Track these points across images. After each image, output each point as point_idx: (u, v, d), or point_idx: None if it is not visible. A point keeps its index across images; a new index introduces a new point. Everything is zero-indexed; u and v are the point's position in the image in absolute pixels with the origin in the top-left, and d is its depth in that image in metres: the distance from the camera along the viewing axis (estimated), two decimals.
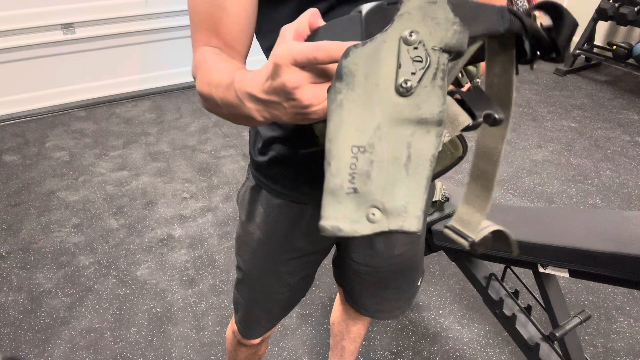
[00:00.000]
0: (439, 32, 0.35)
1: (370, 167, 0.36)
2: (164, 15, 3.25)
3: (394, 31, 0.35)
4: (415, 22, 0.35)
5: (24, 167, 2.58)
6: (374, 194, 0.36)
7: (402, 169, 0.36)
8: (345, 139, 0.36)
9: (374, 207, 0.36)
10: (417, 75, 0.35)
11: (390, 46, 0.35)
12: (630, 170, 2.61)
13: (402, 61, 0.35)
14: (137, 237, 2.11)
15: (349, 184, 0.36)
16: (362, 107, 0.36)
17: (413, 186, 0.37)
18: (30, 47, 2.93)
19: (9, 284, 1.86)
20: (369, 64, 0.35)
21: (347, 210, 0.36)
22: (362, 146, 0.36)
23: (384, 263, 0.95)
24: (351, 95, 0.36)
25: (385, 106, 0.36)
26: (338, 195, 0.36)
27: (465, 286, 1.88)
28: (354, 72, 0.35)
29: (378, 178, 0.36)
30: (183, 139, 2.89)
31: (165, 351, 1.61)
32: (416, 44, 0.35)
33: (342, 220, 0.36)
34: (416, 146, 0.36)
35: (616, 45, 3.50)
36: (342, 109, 0.36)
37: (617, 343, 1.65)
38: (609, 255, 0.99)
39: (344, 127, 0.36)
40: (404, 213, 0.36)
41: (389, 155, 0.36)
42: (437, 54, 0.35)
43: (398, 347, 1.65)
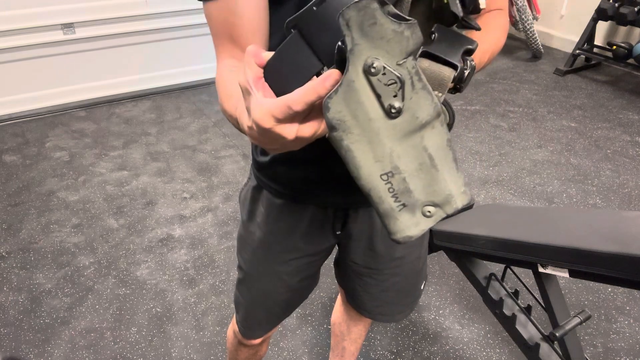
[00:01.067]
0: (395, 47, 0.36)
1: (406, 183, 0.40)
2: (164, 15, 3.25)
3: (354, 67, 0.36)
4: (368, 51, 0.36)
5: (24, 167, 2.58)
6: (421, 199, 0.40)
7: (431, 169, 0.40)
8: (370, 174, 0.39)
9: (427, 206, 0.41)
10: (398, 96, 0.37)
11: (360, 83, 0.36)
12: (630, 170, 2.61)
13: (379, 91, 0.37)
14: (137, 237, 2.11)
15: (397, 203, 0.40)
16: (368, 142, 0.38)
17: (447, 175, 0.40)
18: (30, 47, 2.93)
19: (9, 284, 1.86)
20: (350, 106, 0.37)
21: (406, 221, 0.41)
22: (389, 172, 0.39)
23: (385, 265, 0.94)
24: (352, 138, 0.38)
25: (387, 132, 0.38)
26: (393, 216, 0.41)
27: (465, 286, 1.88)
28: (343, 119, 0.38)
29: (417, 187, 0.40)
30: (183, 139, 2.89)
31: (165, 351, 1.61)
32: (382, 71, 0.36)
33: (408, 230, 0.41)
34: (431, 145, 0.39)
35: (616, 45, 3.50)
36: (352, 151, 0.39)
37: (617, 343, 1.65)
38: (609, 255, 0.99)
39: (363, 165, 0.39)
40: (451, 198, 0.41)
41: (414, 165, 0.39)
42: (404, 67, 0.36)
43: (398, 347, 1.65)
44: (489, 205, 1.55)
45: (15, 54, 2.91)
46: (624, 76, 3.82)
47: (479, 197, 2.39)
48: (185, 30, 3.36)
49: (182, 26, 3.33)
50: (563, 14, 4.24)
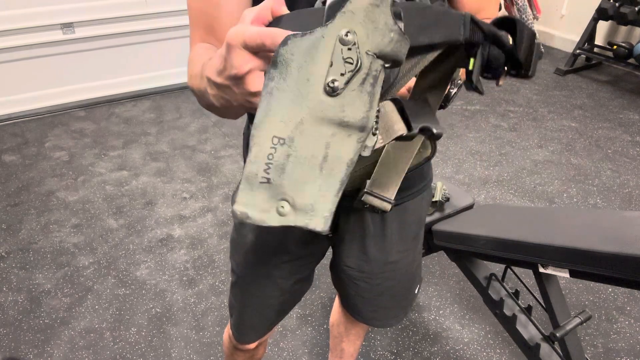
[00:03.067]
0: (376, 37, 0.34)
1: (287, 161, 0.36)
2: (164, 15, 3.24)
3: (333, 28, 0.34)
4: (355, 23, 0.34)
5: (24, 167, 2.58)
6: (285, 188, 0.36)
7: (317, 168, 0.36)
8: (269, 128, 0.36)
9: (284, 200, 0.37)
10: (345, 76, 0.35)
11: (327, 43, 0.35)
12: (630, 170, 2.61)
13: (334, 59, 0.35)
14: (136, 237, 2.11)
15: (263, 173, 0.36)
16: (290, 99, 0.35)
17: (324, 187, 0.37)
18: (30, 46, 2.93)
19: (8, 284, 1.86)
20: (304, 56, 0.35)
21: (258, 199, 0.37)
22: (283, 138, 0.36)
23: (378, 269, 0.93)
24: (282, 85, 0.35)
25: (311, 102, 0.35)
26: (252, 184, 0.37)
27: (466, 286, 1.87)
28: (289, 62, 0.35)
29: (292, 172, 0.36)
30: (183, 138, 2.88)
31: (165, 351, 1.61)
32: (350, 45, 0.34)
33: (252, 208, 0.37)
34: (335, 147, 0.36)
35: (617, 45, 3.49)
36: (272, 97, 0.36)
37: (617, 343, 1.65)
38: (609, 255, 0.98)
39: (270, 115, 0.36)
40: (311, 211, 0.37)
41: (307, 152, 0.36)
42: (369, 59, 0.35)
43: (398, 347, 1.65)
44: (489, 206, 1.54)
45: (14, 53, 2.91)
46: (625, 76, 3.82)
47: (479, 197, 2.39)
48: (185, 30, 3.36)
49: (182, 26, 3.32)
50: (563, 14, 4.24)
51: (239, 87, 0.40)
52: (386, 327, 1.69)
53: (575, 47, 3.76)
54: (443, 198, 1.48)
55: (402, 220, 0.88)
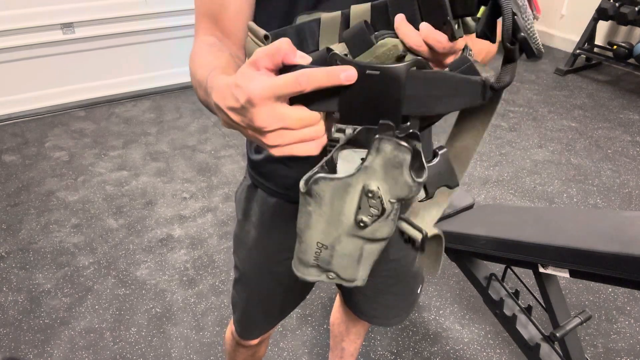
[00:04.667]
0: (397, 190, 0.41)
1: (331, 258, 0.46)
2: (164, 15, 3.24)
3: (358, 179, 0.41)
4: (377, 178, 0.40)
5: (24, 167, 2.58)
6: (333, 269, 0.48)
7: (355, 261, 0.47)
8: (312, 236, 0.45)
9: (332, 272, 0.48)
10: (372, 218, 0.43)
11: (354, 191, 0.41)
12: (630, 170, 2.61)
13: (362, 205, 0.42)
14: (136, 237, 2.11)
15: (313, 261, 0.47)
16: (327, 222, 0.44)
17: (361, 269, 0.48)
18: (30, 46, 2.93)
19: (8, 284, 1.86)
20: (334, 196, 0.42)
21: (311, 272, 0.49)
22: (326, 245, 0.45)
23: (381, 267, 0.92)
24: (318, 211, 0.43)
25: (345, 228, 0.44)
26: (305, 265, 0.48)
27: (466, 286, 1.87)
28: (322, 197, 0.42)
29: (336, 264, 0.47)
30: (183, 138, 2.88)
31: (165, 351, 1.61)
32: (375, 198, 0.41)
33: (308, 275, 0.50)
34: (367, 249, 0.46)
35: (617, 45, 3.49)
36: (311, 217, 0.44)
37: (617, 343, 1.65)
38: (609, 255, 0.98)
39: (312, 229, 0.45)
40: (353, 280, 0.49)
41: (346, 252, 0.46)
42: (392, 205, 0.42)
43: (398, 347, 1.65)
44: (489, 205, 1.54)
45: (14, 53, 2.91)
46: (625, 76, 3.82)
47: (479, 197, 2.39)
48: (185, 30, 3.36)
49: (182, 26, 3.32)
50: (563, 14, 4.24)
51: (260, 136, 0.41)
52: (388, 326, 1.69)
53: (575, 47, 3.76)
54: None
55: None
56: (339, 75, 0.38)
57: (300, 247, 0.47)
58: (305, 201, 0.43)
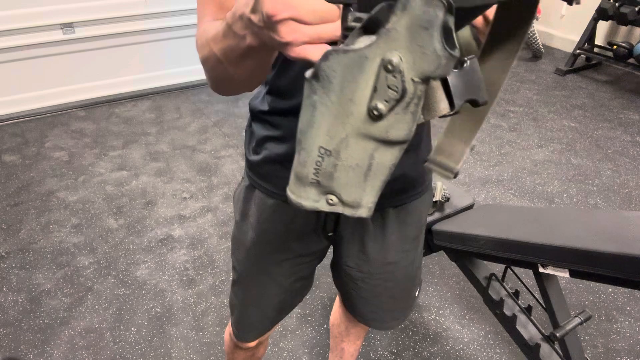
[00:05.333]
0: (423, 63, 0.33)
1: (334, 169, 0.39)
2: (164, 15, 3.24)
3: (377, 49, 0.33)
4: (401, 46, 0.33)
5: (24, 167, 2.58)
6: (334, 188, 0.40)
7: (362, 175, 0.39)
8: (314, 138, 0.37)
9: (333, 194, 0.40)
10: (390, 103, 0.35)
11: (371, 66, 0.34)
12: (630, 170, 2.61)
13: (378, 85, 0.34)
14: (136, 237, 2.11)
15: (313, 176, 0.39)
16: (334, 115, 0.36)
17: (369, 188, 0.40)
18: (30, 46, 2.93)
19: (8, 284, 1.86)
20: (346, 75, 0.34)
21: (310, 194, 0.40)
22: (329, 150, 0.38)
23: (378, 270, 0.93)
24: (325, 100, 0.36)
25: (355, 122, 0.36)
26: (303, 182, 0.40)
27: (466, 286, 1.87)
28: (331, 78, 0.35)
29: (339, 178, 0.39)
30: (183, 138, 2.88)
31: (165, 351, 1.61)
32: (395, 73, 0.33)
33: (305, 199, 0.41)
34: (378, 157, 0.38)
35: (617, 45, 3.49)
36: (315, 110, 0.36)
37: (617, 343, 1.65)
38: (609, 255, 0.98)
39: (315, 127, 0.37)
40: (357, 205, 0.40)
41: (352, 162, 0.38)
42: (414, 85, 0.34)
43: (398, 347, 1.65)
44: (489, 206, 1.54)
45: (14, 53, 2.91)
46: (625, 76, 3.82)
47: (479, 197, 2.39)
48: (185, 30, 3.36)
49: (182, 26, 3.32)
50: (563, 14, 4.24)
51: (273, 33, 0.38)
52: (385, 330, 1.69)
53: (575, 47, 3.76)
54: (443, 198, 1.48)
55: (402, 221, 0.88)
56: None
57: (300, 157, 0.39)
58: (310, 89, 0.36)
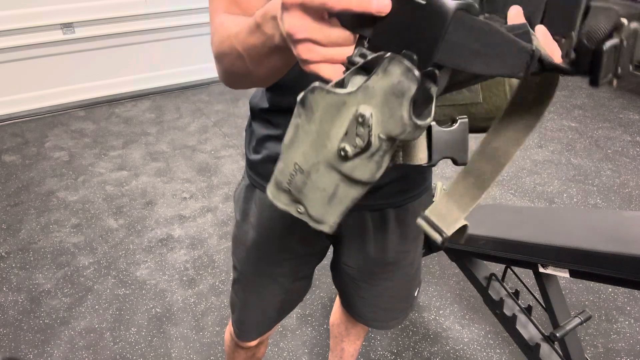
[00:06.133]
0: (390, 125, 0.35)
1: (303, 186, 0.42)
2: (164, 15, 3.25)
3: (354, 99, 0.36)
4: (373, 103, 0.35)
5: (24, 167, 2.58)
6: (302, 201, 0.43)
7: (326, 198, 0.42)
8: (293, 154, 0.41)
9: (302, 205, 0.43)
10: (356, 149, 0.37)
11: (346, 111, 0.37)
12: (630, 170, 2.61)
13: (349, 131, 0.37)
14: (136, 237, 2.11)
15: (286, 185, 0.43)
16: (310, 142, 0.40)
17: (332, 211, 0.43)
18: (30, 46, 2.93)
19: (8, 284, 1.86)
20: (326, 112, 0.38)
21: (282, 198, 0.44)
22: (302, 169, 0.41)
23: (377, 269, 0.93)
24: (306, 127, 0.39)
25: (327, 154, 0.40)
26: (279, 187, 0.43)
27: (466, 286, 1.87)
28: (314, 110, 0.38)
29: (307, 195, 0.42)
30: (183, 138, 2.88)
31: (165, 351, 1.61)
32: (364, 126, 0.36)
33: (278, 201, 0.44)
34: (342, 189, 0.41)
35: None
36: (297, 131, 0.40)
37: (617, 343, 1.65)
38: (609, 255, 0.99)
39: (295, 146, 0.41)
40: (321, 222, 0.44)
41: (320, 185, 0.41)
42: (379, 141, 0.37)
43: (398, 347, 1.65)
44: (489, 206, 1.54)
45: (14, 53, 2.91)
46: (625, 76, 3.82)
47: None
48: (185, 30, 3.36)
49: (182, 26, 3.32)
50: None
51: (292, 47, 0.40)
52: (385, 329, 1.69)
53: None
54: None
55: (401, 221, 0.88)
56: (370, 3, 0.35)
57: (280, 164, 0.42)
58: (297, 112, 0.39)
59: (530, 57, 0.36)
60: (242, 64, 0.54)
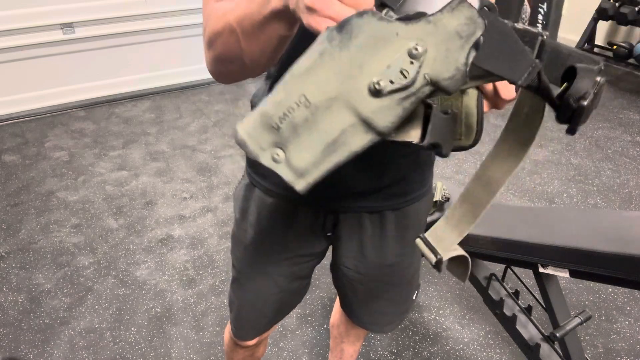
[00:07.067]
0: (441, 66, 0.34)
1: (302, 124, 0.36)
2: (164, 15, 3.24)
3: (411, 32, 0.34)
4: (433, 41, 0.33)
5: (24, 167, 2.58)
6: (289, 143, 0.37)
7: (323, 144, 0.37)
8: (302, 84, 0.36)
9: (283, 150, 0.37)
10: (393, 85, 0.34)
11: (397, 43, 0.34)
12: (630, 170, 2.61)
13: (392, 64, 0.34)
14: (136, 237, 2.11)
15: (277, 120, 0.36)
16: (335, 72, 0.35)
17: (321, 163, 0.37)
18: (30, 46, 2.93)
19: (8, 284, 1.86)
20: (369, 40, 0.34)
21: (261, 137, 0.37)
22: (309, 102, 0.36)
23: (376, 272, 0.93)
24: (336, 54, 0.35)
25: (351, 88, 0.35)
26: (263, 122, 0.37)
27: (466, 286, 1.88)
28: (353, 37, 0.34)
29: (301, 135, 0.36)
30: (183, 138, 2.88)
31: (165, 351, 1.61)
32: (414, 60, 0.34)
33: (252, 140, 0.37)
34: (347, 136, 0.36)
35: (617, 45, 3.49)
36: (321, 58, 0.35)
37: (617, 343, 1.65)
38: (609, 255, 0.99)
39: (310, 74, 0.35)
40: (299, 174, 0.37)
41: (322, 126, 0.36)
42: (423, 82, 0.34)
43: (398, 347, 1.65)
44: None
45: (14, 53, 2.91)
46: (625, 76, 3.82)
47: None
48: (185, 30, 3.36)
49: (182, 26, 3.32)
50: (563, 14, 4.24)
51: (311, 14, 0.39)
52: (382, 333, 1.68)
53: (575, 47, 3.75)
54: (443, 198, 1.48)
55: (400, 224, 0.87)
56: None
57: (275, 96, 0.36)
58: (327, 36, 0.35)
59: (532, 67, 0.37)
60: (234, 42, 0.53)
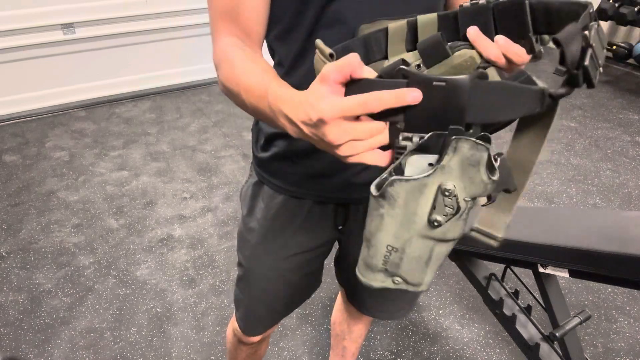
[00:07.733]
0: (473, 188, 0.42)
1: (400, 261, 0.47)
2: (164, 15, 3.25)
3: (434, 179, 0.42)
4: (454, 177, 0.41)
5: (24, 167, 2.58)
6: (400, 273, 0.48)
7: (423, 264, 0.47)
8: (382, 239, 0.46)
9: (399, 277, 0.49)
10: (447, 216, 0.43)
11: (430, 190, 0.42)
12: (630, 170, 2.61)
13: (437, 204, 0.43)
14: (137, 237, 2.11)
15: (381, 266, 0.48)
16: (399, 223, 0.45)
17: (429, 272, 0.48)
18: (30, 47, 2.93)
19: (8, 284, 1.86)
20: (409, 197, 0.43)
21: (378, 277, 0.49)
22: (396, 248, 0.46)
23: None
24: (391, 213, 0.44)
25: (417, 228, 0.45)
26: (373, 270, 0.49)
27: (465, 286, 1.88)
28: (396, 198, 0.43)
29: (404, 267, 0.48)
30: (183, 139, 2.89)
31: (165, 351, 1.61)
32: (451, 197, 0.42)
33: (374, 281, 0.50)
34: (437, 250, 0.46)
35: (616, 45, 3.50)
36: (383, 220, 0.45)
37: (617, 343, 1.65)
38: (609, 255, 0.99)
39: (383, 231, 0.45)
40: (419, 285, 0.49)
41: (415, 254, 0.46)
42: (466, 203, 0.43)
43: (398, 347, 1.65)
44: None
45: (15, 54, 2.91)
46: (624, 76, 3.82)
47: None
48: (185, 30, 3.36)
49: (182, 26, 3.33)
50: None
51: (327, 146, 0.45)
52: (392, 320, 1.70)
53: None
54: None
55: None
56: (405, 97, 0.41)
57: (369, 251, 0.48)
58: (377, 204, 0.44)
59: (542, 94, 0.46)
60: (241, 102, 0.59)
